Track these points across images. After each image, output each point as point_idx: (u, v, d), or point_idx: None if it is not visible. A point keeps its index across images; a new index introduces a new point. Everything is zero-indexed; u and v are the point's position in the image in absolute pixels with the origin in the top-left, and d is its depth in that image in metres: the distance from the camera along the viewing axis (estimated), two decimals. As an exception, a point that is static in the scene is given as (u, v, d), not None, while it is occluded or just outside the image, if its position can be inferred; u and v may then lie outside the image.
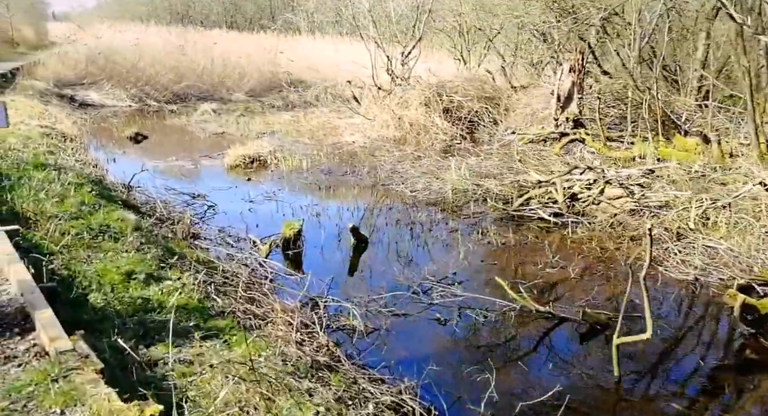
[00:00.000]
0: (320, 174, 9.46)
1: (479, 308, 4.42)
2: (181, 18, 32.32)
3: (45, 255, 3.86)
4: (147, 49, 19.63)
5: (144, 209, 6.88)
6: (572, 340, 4.01)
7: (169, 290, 3.48)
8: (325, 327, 4.06)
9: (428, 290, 4.79)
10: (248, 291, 4.28)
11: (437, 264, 5.38)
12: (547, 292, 4.70)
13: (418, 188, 8.09)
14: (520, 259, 5.50)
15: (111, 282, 3.52)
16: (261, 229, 6.59)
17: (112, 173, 8.87)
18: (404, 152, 11.09)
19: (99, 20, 30.66)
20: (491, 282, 4.95)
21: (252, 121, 15.01)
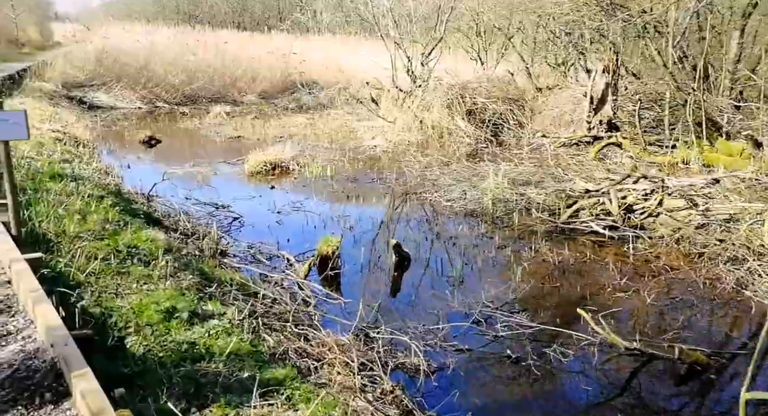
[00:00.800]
0: (346, 182, 9.00)
1: (553, 342, 3.95)
2: (188, 18, 31.89)
3: (72, 288, 3.42)
4: (156, 50, 19.20)
5: (167, 223, 6.44)
6: (668, 383, 3.53)
7: (216, 331, 3.03)
8: (383, 365, 3.62)
9: (489, 319, 4.33)
10: (297, 325, 3.82)
11: (492, 287, 4.91)
12: (624, 322, 4.22)
13: (453, 197, 7.62)
14: (583, 281, 5.02)
15: (149, 321, 3.08)
16: (292, 244, 6.14)
17: (128, 180, 8.45)
18: (430, 156, 10.61)
19: (105, 20, 30.25)
20: (559, 310, 4.48)
21: (267, 124, 14.56)
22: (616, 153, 9.89)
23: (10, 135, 3.73)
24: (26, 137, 3.78)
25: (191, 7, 32.75)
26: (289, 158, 9.94)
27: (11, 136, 3.74)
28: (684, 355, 3.50)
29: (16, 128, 3.70)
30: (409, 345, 3.89)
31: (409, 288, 5.10)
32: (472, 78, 14.67)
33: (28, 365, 2.52)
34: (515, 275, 5.05)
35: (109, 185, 6.81)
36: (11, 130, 3.69)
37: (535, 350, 3.86)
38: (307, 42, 25.49)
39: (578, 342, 3.90)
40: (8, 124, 3.68)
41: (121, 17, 30.83)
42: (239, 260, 5.72)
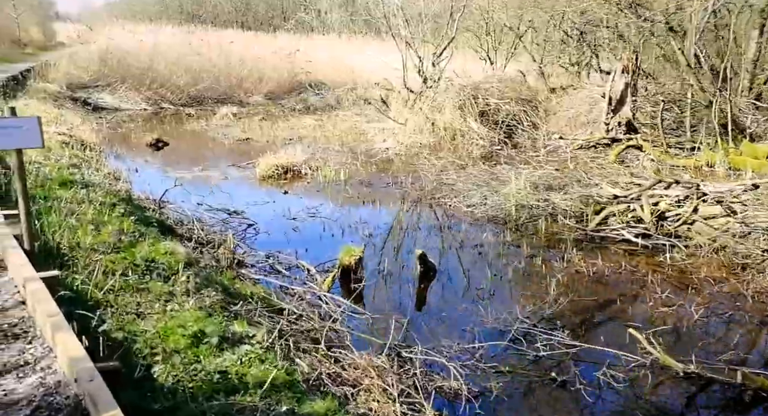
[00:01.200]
0: (360, 186, 8.76)
1: (599, 363, 3.71)
2: (192, 17, 31.64)
3: (91, 308, 3.19)
4: (161, 50, 18.97)
5: (180, 231, 6.21)
6: (730, 411, 3.30)
7: (248, 358, 2.80)
8: (421, 389, 3.38)
9: (528, 336, 4.09)
10: (330, 347, 3.59)
11: (526, 300, 4.68)
12: (673, 341, 3.98)
13: (474, 203, 7.37)
14: (621, 294, 4.78)
15: (176, 347, 2.84)
16: (311, 253, 5.90)
17: (137, 185, 8.22)
18: (444, 159, 10.36)
19: (108, 20, 30.03)
20: (600, 326, 4.25)
21: (275, 125, 14.32)
22: (637, 156, 9.65)
23: (24, 143, 3.50)
24: (41, 144, 3.55)
25: (194, 7, 32.50)
26: (301, 162, 9.70)
27: (24, 144, 3.52)
28: (747, 380, 3.27)
29: (30, 135, 3.47)
30: (446, 366, 3.65)
31: (437, 301, 4.86)
32: (484, 78, 14.43)
33: (50, 402, 2.29)
34: (550, 288, 4.81)
35: (120, 191, 6.58)
36: (24, 137, 3.46)
37: (582, 372, 3.63)
38: (311, 42, 25.27)
39: (627, 363, 3.66)
40: (21, 131, 3.45)
41: (124, 17, 30.62)
42: (257, 270, 5.49)
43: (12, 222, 3.93)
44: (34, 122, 3.48)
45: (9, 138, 3.43)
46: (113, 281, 3.57)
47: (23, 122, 3.46)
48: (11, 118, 3.46)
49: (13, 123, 3.44)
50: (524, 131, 12.51)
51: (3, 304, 3.16)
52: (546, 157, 10.38)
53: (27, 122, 3.48)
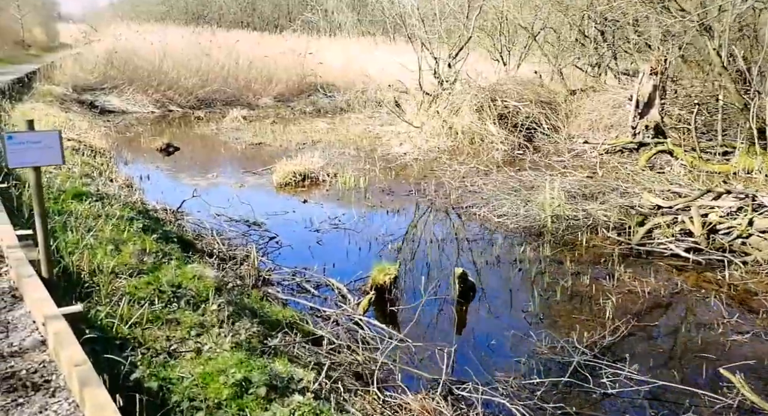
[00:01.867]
0: (382, 194, 8.40)
1: (678, 403, 3.35)
2: (197, 18, 31.35)
3: (118, 346, 2.84)
4: (168, 51, 18.65)
5: (200, 245, 5.87)
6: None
7: (302, 413, 2.44)
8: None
9: (590, 369, 3.73)
10: (381, 389, 3.24)
11: (581, 325, 4.31)
12: (758, 378, 3.60)
13: (504, 213, 7.00)
14: (684, 318, 4.43)
15: (218, 397, 2.50)
16: (338, 268, 5.55)
17: (150, 193, 7.90)
18: (465, 164, 10.01)
19: (112, 20, 29.73)
20: (670, 358, 3.89)
21: (287, 129, 13.98)
22: (668, 161, 9.26)
23: (43, 160, 3.15)
24: (61, 161, 3.20)
25: (199, 8, 32.20)
26: (319, 168, 9.35)
27: (44, 161, 3.17)
28: None
29: (50, 151, 3.12)
30: (506, 407, 3.30)
31: (482, 326, 4.50)
32: (500, 79, 14.05)
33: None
34: (604, 311, 4.44)
35: (136, 202, 6.24)
36: (43, 154, 3.12)
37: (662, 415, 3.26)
38: (319, 43, 24.94)
39: (710, 404, 3.30)
40: (39, 147, 3.10)
41: (129, 18, 30.32)
42: (284, 289, 5.15)
43: (27, 245, 3.59)
44: (54, 138, 3.13)
45: (26, 154, 3.09)
46: (139, 313, 3.23)
47: (42, 137, 3.11)
48: (29, 132, 3.11)
49: (32, 138, 3.09)
50: (545, 134, 12.15)
51: (21, 344, 2.82)
52: (571, 162, 10.02)
53: (46, 136, 3.13)
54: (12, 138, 3.06)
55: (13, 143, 3.06)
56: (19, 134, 3.09)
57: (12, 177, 5.68)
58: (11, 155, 3.06)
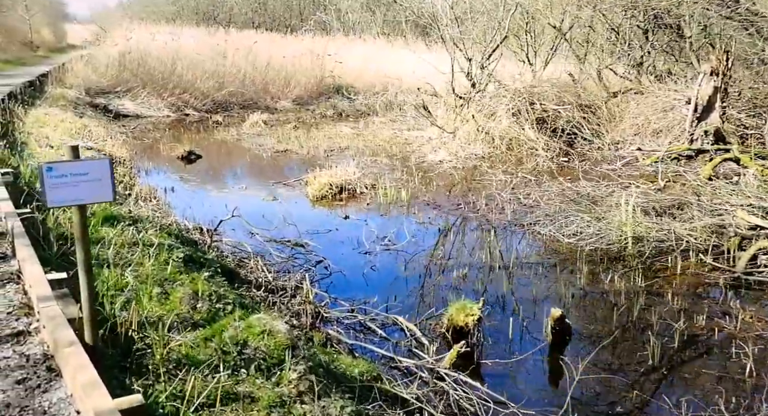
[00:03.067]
0: (428, 208, 7.73)
1: None
2: (208, 18, 30.76)
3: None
4: (183, 53, 18.05)
5: (243, 273, 5.23)
6: None
7: None
8: None
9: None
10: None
11: (716, 384, 3.63)
12: None
13: (574, 232, 6.29)
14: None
15: None
16: (402, 301, 4.89)
17: (177, 208, 7.27)
18: (510, 174, 9.32)
19: (122, 21, 29.20)
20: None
21: (310, 134, 13.33)
22: (733, 169, 8.54)
23: (89, 196, 2.49)
24: (111, 198, 2.55)
25: (210, 8, 31.62)
26: (355, 179, 8.69)
27: (90, 197, 2.51)
28: None
29: (97, 185, 2.47)
30: None
31: (593, 385, 3.77)
32: (534, 81, 13.36)
33: None
34: (745, 367, 3.74)
35: (171, 225, 5.60)
36: (90, 189, 2.46)
37: None
38: (334, 43, 24.29)
39: None
40: (85, 179, 2.45)
41: (139, 18, 29.77)
42: (345, 329, 4.48)
43: (63, 295, 2.94)
44: (103, 168, 2.47)
45: (69, 189, 2.44)
46: (207, 389, 2.57)
47: (89, 167, 2.46)
48: (73, 162, 2.45)
49: (76, 169, 2.44)
50: (587, 140, 11.44)
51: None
52: (624, 170, 9.32)
53: (94, 166, 2.48)
54: (52, 170, 2.41)
55: (54, 176, 2.41)
56: (61, 164, 2.43)
57: (35, 198, 5.05)
58: (51, 190, 2.41)
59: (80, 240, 2.57)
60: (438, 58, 15.46)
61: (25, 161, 6.39)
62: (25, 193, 5.01)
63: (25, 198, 4.91)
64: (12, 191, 4.92)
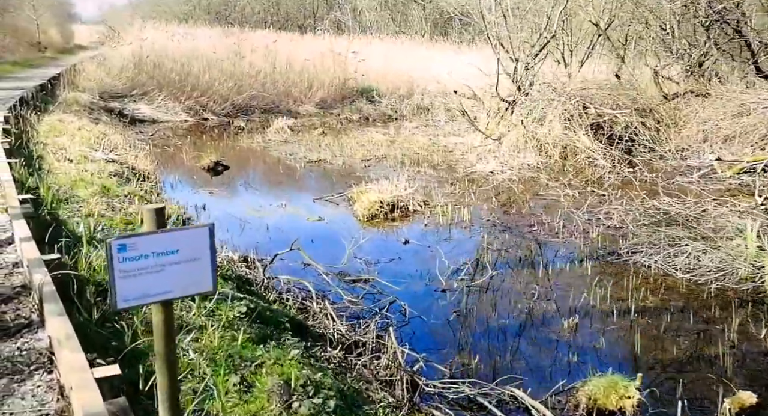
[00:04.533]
0: (496, 231, 6.81)
1: None
2: (221, 18, 29.95)
3: None
4: (199, 54, 17.20)
5: (312, 323, 4.33)
6: None
7: None
8: None
9: None
10: None
11: None
12: None
13: (689, 265, 5.35)
14: None
15: None
16: (509, 365, 3.96)
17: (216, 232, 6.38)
18: (574, 187, 8.39)
19: (133, 21, 28.41)
20: None
21: (340, 141, 12.43)
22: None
23: (180, 286, 1.62)
24: (212, 287, 1.67)
25: (223, 7, 30.81)
26: (407, 195, 7.79)
27: (182, 288, 1.64)
28: None
29: (192, 269, 1.60)
30: None
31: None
32: (581, 83, 12.41)
33: None
34: None
35: (222, 264, 4.71)
36: (181, 274, 1.59)
37: None
38: (351, 43, 23.39)
39: None
40: (175, 260, 1.58)
41: (150, 18, 28.98)
42: (450, 405, 3.57)
43: (120, 412, 2.05)
44: (201, 240, 1.60)
45: (152, 279, 1.56)
46: None
47: (180, 240, 1.58)
48: (156, 234, 1.57)
49: (162, 244, 1.56)
50: (648, 148, 10.49)
51: None
52: (704, 184, 8.38)
53: (187, 238, 1.60)
54: (125, 248, 1.52)
55: (128, 258, 1.53)
56: (138, 239, 1.55)
57: (60, 231, 4.17)
58: (122, 281, 1.53)
59: (163, 353, 1.68)
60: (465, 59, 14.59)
61: (45, 182, 5.52)
62: (50, 227, 4.15)
63: (51, 233, 4.04)
64: (35, 227, 4.06)
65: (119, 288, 1.53)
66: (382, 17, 26.68)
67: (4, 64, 21.11)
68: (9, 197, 4.63)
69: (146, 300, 1.57)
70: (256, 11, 29.82)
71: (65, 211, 5.13)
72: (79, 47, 39.22)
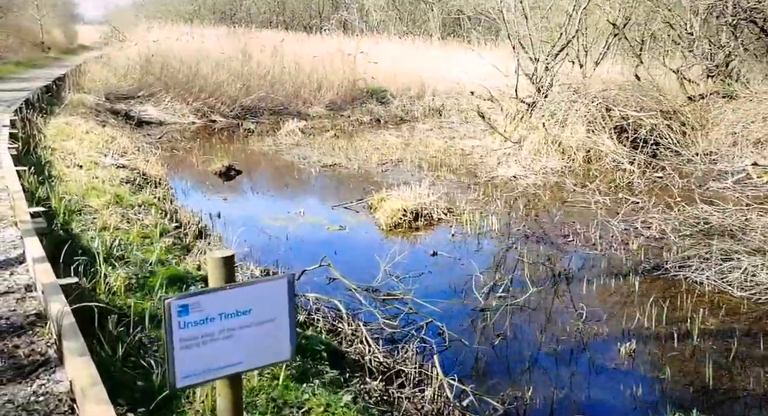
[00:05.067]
0: (530, 242, 6.44)
1: None
2: (226, 18, 29.62)
3: None
4: (206, 53, 16.86)
5: (345, 347, 3.98)
6: None
7: None
8: None
9: None
10: None
11: None
12: None
13: (746, 281, 5.00)
14: None
15: None
16: (567, 397, 3.61)
17: (231, 242, 6.06)
18: (604, 194, 8.04)
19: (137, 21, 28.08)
20: None
21: (354, 144, 12.08)
22: None
23: (253, 355, 1.29)
24: (289, 355, 1.34)
25: (228, 7, 30.48)
26: (430, 203, 7.44)
27: (256, 357, 1.31)
28: None
29: (268, 332, 1.26)
30: None
31: None
32: (602, 85, 12.06)
33: None
34: None
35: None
36: (255, 340, 1.25)
37: None
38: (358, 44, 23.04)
39: None
40: (246, 323, 1.24)
41: (154, 17, 28.66)
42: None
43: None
44: (278, 295, 1.27)
45: (219, 347, 1.22)
46: None
47: (253, 297, 1.24)
48: (224, 290, 1.24)
49: (232, 302, 1.22)
50: (674, 152, 10.13)
51: None
52: (737, 189, 8.03)
53: (261, 293, 1.26)
54: (187, 311, 1.20)
55: (191, 323, 1.20)
56: (202, 298, 1.21)
57: (76, 249, 3.83)
58: (183, 353, 1.20)
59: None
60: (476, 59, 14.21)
61: (57, 192, 5.18)
62: (64, 244, 3.81)
63: (66, 251, 3.71)
64: (48, 244, 3.73)
65: (179, 362, 1.19)
66: (389, 17, 26.32)
67: (7, 65, 20.82)
68: (19, 210, 4.30)
69: (212, 376, 1.24)
70: (262, 11, 29.48)
71: (78, 224, 4.80)
72: (83, 47, 38.94)
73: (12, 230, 4.37)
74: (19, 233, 4.22)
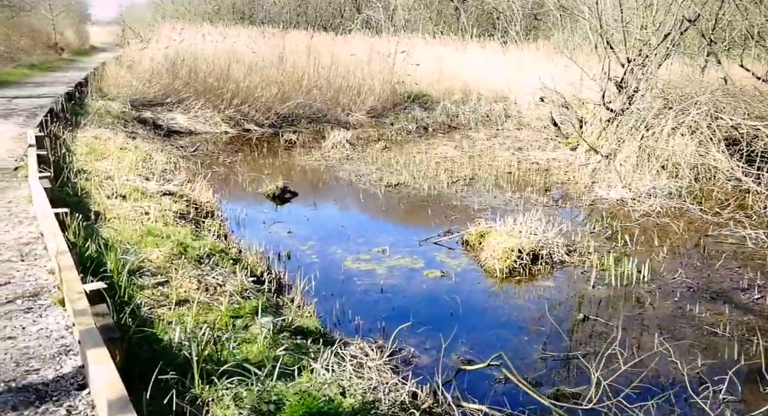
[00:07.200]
0: (702, 298, 5.01)
1: None
2: (244, 18, 28.37)
3: None
4: (236, 55, 15.57)
5: None
6: None
7: None
8: None
9: None
10: None
11: None
12: None
13: None
14: None
15: None
16: None
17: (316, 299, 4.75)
18: (743, 225, 6.66)
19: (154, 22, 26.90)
20: None
21: (409, 157, 10.73)
22: None
23: None
24: None
25: (249, 7, 29.23)
26: (549, 240, 6.07)
27: None
28: None
29: None
30: None
31: None
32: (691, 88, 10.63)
33: None
34: None
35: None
36: None
37: None
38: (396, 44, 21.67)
39: None
40: None
41: (174, 18, 27.47)
42: None
43: None
44: None
45: None
46: None
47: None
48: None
49: None
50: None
51: None
52: None
53: None
54: None
55: None
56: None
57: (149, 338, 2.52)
58: None
59: None
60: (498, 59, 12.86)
61: (113, 253, 3.81)
62: (136, 345, 2.49)
63: (142, 353, 2.40)
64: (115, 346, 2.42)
65: None
66: (418, 16, 24.95)
67: (21, 68, 19.66)
68: (71, 288, 2.98)
69: None
70: (285, 11, 28.23)
71: (143, 295, 3.49)
72: (94, 48, 37.91)
73: (57, 312, 3.08)
74: (67, 318, 2.94)
